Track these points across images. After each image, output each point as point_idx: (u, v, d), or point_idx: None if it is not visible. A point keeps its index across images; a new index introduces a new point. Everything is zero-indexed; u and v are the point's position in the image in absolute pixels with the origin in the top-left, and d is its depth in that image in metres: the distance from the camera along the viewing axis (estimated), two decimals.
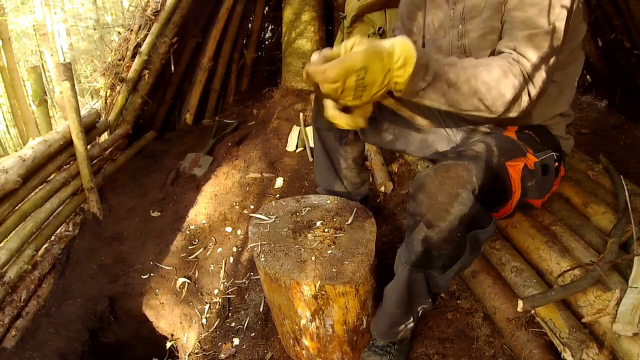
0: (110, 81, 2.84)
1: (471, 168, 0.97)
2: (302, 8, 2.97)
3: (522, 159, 1.09)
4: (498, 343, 1.26)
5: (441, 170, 0.99)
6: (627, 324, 0.94)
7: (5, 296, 1.84)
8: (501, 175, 1.03)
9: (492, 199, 1.03)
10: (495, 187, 1.03)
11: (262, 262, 1.20)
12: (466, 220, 0.97)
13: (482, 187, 0.97)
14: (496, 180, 1.02)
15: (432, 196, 0.97)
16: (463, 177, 0.96)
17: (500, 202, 1.09)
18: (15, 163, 1.84)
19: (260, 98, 3.51)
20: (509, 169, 1.05)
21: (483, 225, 1.02)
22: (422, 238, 1.01)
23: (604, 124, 2.33)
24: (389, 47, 0.85)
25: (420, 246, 1.02)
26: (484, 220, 1.02)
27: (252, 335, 1.59)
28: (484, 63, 0.95)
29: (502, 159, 1.04)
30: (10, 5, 9.30)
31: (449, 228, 0.97)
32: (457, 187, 0.95)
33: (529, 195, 1.14)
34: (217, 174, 2.58)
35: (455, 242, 1.01)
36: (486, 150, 1.04)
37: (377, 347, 1.27)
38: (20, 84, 8.06)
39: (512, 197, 1.08)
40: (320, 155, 1.58)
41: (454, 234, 0.99)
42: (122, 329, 2.14)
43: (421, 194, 1.00)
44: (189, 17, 3.08)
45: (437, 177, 0.98)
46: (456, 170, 0.97)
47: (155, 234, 2.31)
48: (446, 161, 1.01)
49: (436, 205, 0.97)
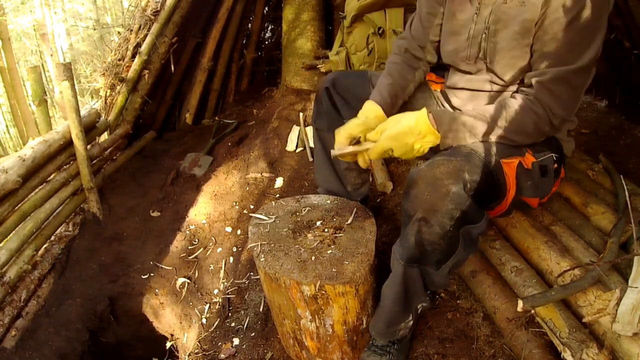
0: (110, 81, 2.84)
1: (463, 164, 0.99)
2: (302, 8, 2.97)
3: (518, 157, 1.10)
4: (498, 343, 1.26)
5: (433, 166, 1.00)
6: (627, 323, 0.94)
7: (5, 296, 1.84)
8: (495, 172, 1.04)
9: (485, 195, 1.04)
10: (489, 184, 1.04)
11: (262, 262, 1.20)
12: (458, 215, 0.99)
13: (474, 183, 0.99)
14: (490, 177, 1.03)
15: (424, 191, 0.99)
16: (454, 173, 0.97)
17: (494, 198, 1.10)
18: (15, 163, 1.84)
19: (260, 98, 3.51)
20: (504, 166, 1.06)
21: (475, 221, 1.04)
22: (415, 233, 1.03)
23: (604, 124, 2.33)
24: (414, 124, 1.07)
25: (414, 241, 1.04)
26: (476, 215, 1.04)
27: (252, 335, 1.59)
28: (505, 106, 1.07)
29: (496, 157, 1.05)
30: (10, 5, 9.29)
31: (441, 223, 0.99)
32: (448, 182, 0.97)
33: (524, 193, 1.14)
34: (217, 174, 2.58)
35: (448, 237, 1.02)
36: (480, 148, 1.06)
37: (377, 346, 1.27)
38: (20, 84, 8.05)
39: (507, 194, 1.09)
40: (320, 156, 1.58)
41: (446, 228, 1.00)
42: (122, 329, 2.14)
43: (413, 190, 1.02)
44: (189, 17, 3.08)
45: (429, 173, 1.00)
46: (448, 165, 0.99)
47: (155, 234, 2.31)
48: (439, 157, 1.03)
49: (428, 200, 0.98)
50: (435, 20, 1.31)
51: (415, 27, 1.36)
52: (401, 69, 1.35)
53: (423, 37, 1.35)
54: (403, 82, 1.34)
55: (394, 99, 1.31)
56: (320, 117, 1.48)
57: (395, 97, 1.31)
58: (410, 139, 1.08)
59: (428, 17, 1.32)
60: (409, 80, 1.35)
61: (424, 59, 1.38)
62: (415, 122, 1.08)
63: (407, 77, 1.35)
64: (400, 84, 1.33)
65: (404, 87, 1.34)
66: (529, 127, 1.07)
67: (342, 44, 2.45)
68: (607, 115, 2.40)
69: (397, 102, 1.33)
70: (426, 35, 1.34)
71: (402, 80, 1.33)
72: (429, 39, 1.34)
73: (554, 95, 1.04)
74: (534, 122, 1.06)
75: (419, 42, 1.36)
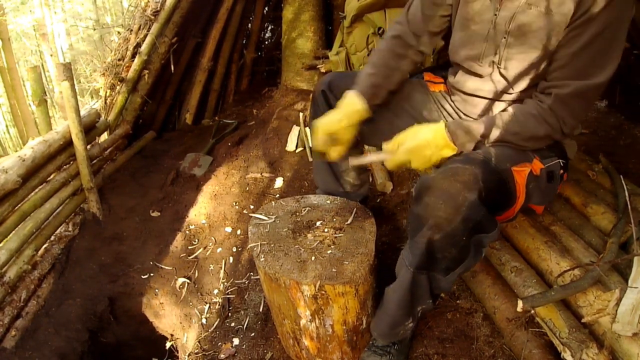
0: (110, 81, 2.84)
1: (478, 172, 0.96)
2: (301, 8, 2.97)
3: (528, 164, 1.09)
4: (498, 343, 1.26)
5: (448, 173, 0.98)
6: (627, 324, 0.94)
7: (5, 296, 1.84)
8: (507, 180, 1.03)
9: (496, 203, 1.03)
10: (501, 192, 1.03)
11: (262, 262, 1.20)
12: (472, 225, 0.97)
13: (488, 191, 0.97)
14: (502, 185, 1.02)
15: (439, 200, 0.97)
16: (470, 181, 0.95)
17: (504, 206, 1.08)
18: (15, 163, 1.84)
19: (260, 98, 3.51)
20: (515, 174, 1.05)
21: (488, 230, 1.02)
22: (426, 240, 1.00)
23: (604, 124, 2.32)
24: (432, 138, 1.08)
25: (424, 249, 1.01)
26: (489, 224, 1.02)
27: (252, 335, 1.59)
28: (518, 114, 1.07)
29: (508, 164, 1.04)
30: (10, 5, 9.29)
31: (454, 232, 0.97)
32: (464, 191, 0.95)
33: (532, 201, 1.13)
34: (217, 174, 2.58)
35: (460, 246, 1.00)
36: (492, 155, 1.04)
37: (377, 347, 1.27)
38: (20, 84, 8.05)
39: (516, 202, 1.08)
40: (319, 159, 1.57)
41: (459, 237, 0.98)
42: (122, 329, 2.14)
43: (427, 197, 0.99)
44: (189, 17, 3.08)
45: (444, 181, 0.97)
46: (463, 174, 0.97)
47: (155, 234, 2.31)
48: (453, 164, 1.00)
49: (442, 208, 0.96)
50: (440, 11, 1.24)
51: (413, 13, 1.28)
52: (385, 56, 1.30)
53: (421, 25, 1.26)
54: (386, 70, 1.29)
55: (376, 89, 1.27)
56: (317, 119, 1.47)
57: (377, 87, 1.27)
58: (428, 151, 1.08)
59: (431, 6, 1.24)
60: (392, 68, 1.29)
61: (417, 47, 1.29)
62: (433, 136, 1.08)
63: (390, 65, 1.29)
64: (382, 72, 1.28)
65: (386, 76, 1.29)
66: (540, 135, 1.07)
67: (342, 44, 2.45)
68: (607, 115, 2.39)
69: (380, 92, 1.29)
70: (425, 24, 1.26)
71: (385, 69, 1.28)
72: (428, 29, 1.27)
73: (568, 108, 1.04)
74: (546, 131, 1.06)
75: (415, 29, 1.27)
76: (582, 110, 1.08)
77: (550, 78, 1.07)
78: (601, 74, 1.00)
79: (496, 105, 1.21)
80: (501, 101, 1.20)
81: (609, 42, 0.97)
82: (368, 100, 1.25)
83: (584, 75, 1.00)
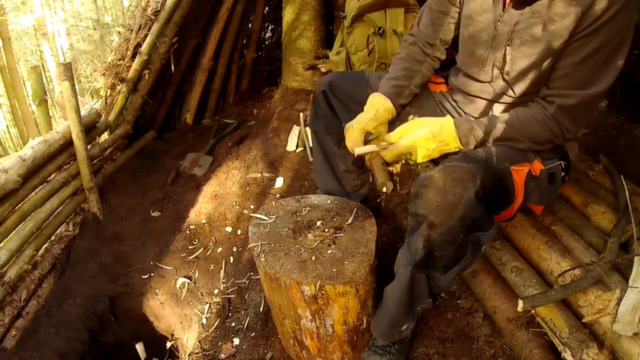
0: (110, 81, 2.85)
1: (475, 170, 0.97)
2: (302, 8, 2.96)
3: (528, 164, 1.09)
4: (498, 343, 1.26)
5: (446, 171, 0.98)
6: (627, 324, 0.94)
7: (5, 296, 1.84)
8: (505, 179, 1.03)
9: (494, 202, 1.03)
10: (499, 191, 1.03)
11: (262, 262, 1.20)
12: (469, 223, 0.97)
13: (486, 189, 0.97)
14: (500, 184, 1.02)
15: (436, 197, 0.97)
16: (467, 180, 0.96)
17: (502, 205, 1.09)
18: (15, 163, 1.84)
19: (260, 98, 3.51)
20: (514, 173, 1.05)
21: (485, 228, 1.02)
22: (424, 239, 1.01)
23: (604, 124, 2.32)
24: (438, 131, 1.09)
25: (422, 247, 1.02)
26: (486, 223, 1.02)
27: (252, 335, 1.59)
28: (522, 117, 1.08)
29: (506, 163, 1.04)
30: (11, 5, 9.29)
31: (452, 229, 0.97)
32: (461, 189, 0.95)
33: (530, 201, 1.13)
34: (217, 173, 2.58)
35: (457, 244, 1.01)
36: (491, 154, 1.04)
37: (377, 346, 1.27)
38: (20, 84, 8.06)
39: (515, 201, 1.08)
40: (319, 159, 1.57)
41: (456, 235, 0.99)
42: (122, 329, 2.14)
43: (424, 195, 0.99)
44: (189, 17, 3.08)
45: (442, 179, 0.97)
46: (461, 172, 0.97)
47: (155, 234, 2.31)
48: (450, 162, 1.01)
49: (440, 206, 0.96)
50: (447, 19, 1.29)
51: (424, 24, 1.34)
52: (404, 61, 1.34)
53: (432, 34, 1.33)
54: (406, 72, 1.33)
55: (399, 89, 1.31)
56: (317, 119, 1.47)
57: (400, 88, 1.31)
58: (431, 144, 1.10)
59: (439, 15, 1.29)
60: (413, 70, 1.34)
61: (432, 54, 1.36)
62: (439, 129, 1.09)
63: (410, 68, 1.34)
64: (403, 74, 1.32)
65: (408, 77, 1.33)
66: (542, 140, 1.08)
67: (342, 44, 2.45)
68: (607, 115, 2.39)
69: (403, 91, 1.33)
70: (436, 32, 1.32)
71: (405, 72, 1.33)
72: (439, 37, 1.33)
73: (571, 117, 1.05)
74: (548, 136, 1.07)
75: (428, 38, 1.33)
76: (584, 117, 1.09)
77: (553, 86, 1.07)
78: (604, 82, 1.00)
79: (497, 107, 1.22)
80: (502, 103, 1.21)
81: (613, 52, 0.98)
82: (392, 100, 1.28)
83: (587, 85, 1.01)
